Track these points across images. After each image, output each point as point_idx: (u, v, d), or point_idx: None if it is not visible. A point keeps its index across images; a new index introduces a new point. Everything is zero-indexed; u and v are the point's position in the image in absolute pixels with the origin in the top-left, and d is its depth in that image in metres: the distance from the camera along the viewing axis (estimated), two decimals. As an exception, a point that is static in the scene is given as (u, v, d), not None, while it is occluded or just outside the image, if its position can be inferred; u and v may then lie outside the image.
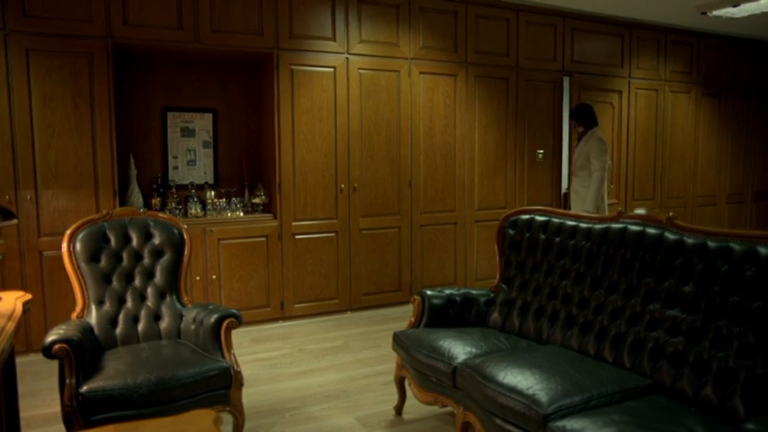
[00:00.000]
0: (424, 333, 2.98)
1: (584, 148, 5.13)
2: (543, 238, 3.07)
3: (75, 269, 2.91)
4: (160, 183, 4.77)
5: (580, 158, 5.18)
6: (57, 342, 2.44)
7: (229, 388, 2.68)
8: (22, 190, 3.96)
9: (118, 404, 2.42)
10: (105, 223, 3.04)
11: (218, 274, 4.58)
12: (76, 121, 4.07)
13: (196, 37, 4.34)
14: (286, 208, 4.77)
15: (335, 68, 4.83)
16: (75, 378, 2.44)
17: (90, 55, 4.05)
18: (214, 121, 4.99)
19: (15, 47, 3.87)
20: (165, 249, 3.12)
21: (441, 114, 5.27)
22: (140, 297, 3.04)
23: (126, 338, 2.94)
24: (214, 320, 2.79)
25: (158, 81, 4.76)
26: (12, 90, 3.88)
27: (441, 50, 5.24)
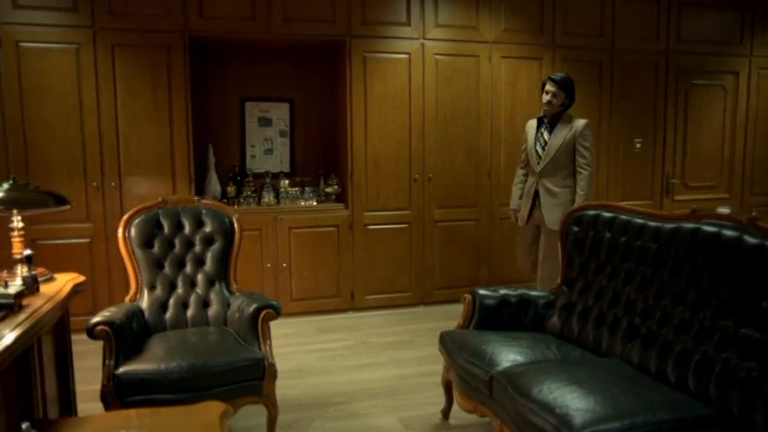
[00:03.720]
0: (470, 335, 2.78)
1: (562, 134, 3.89)
2: (608, 237, 2.74)
3: (130, 254, 3.02)
4: (237, 171, 4.89)
5: (556, 148, 3.90)
6: (99, 324, 2.53)
7: (262, 379, 2.65)
8: (107, 177, 4.21)
9: (150, 388, 2.46)
10: (160, 210, 3.12)
11: (289, 263, 4.62)
12: (156, 111, 4.25)
13: (268, 27, 4.37)
14: (357, 198, 4.70)
15: (410, 54, 4.67)
16: (115, 359, 2.52)
17: (168, 48, 4.21)
18: (291, 110, 5.03)
19: (102, 43, 4.10)
20: (215, 237, 3.15)
21: (523, 101, 4.94)
22: (190, 283, 3.11)
23: (175, 323, 3.01)
24: (252, 310, 2.78)
25: (236, 71, 4.87)
26: (99, 83, 4.13)
27: (524, 33, 4.90)
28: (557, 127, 3.93)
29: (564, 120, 3.94)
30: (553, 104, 3.90)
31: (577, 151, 3.89)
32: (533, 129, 4.05)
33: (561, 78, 3.90)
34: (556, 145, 3.91)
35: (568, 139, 3.88)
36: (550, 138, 3.94)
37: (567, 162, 3.91)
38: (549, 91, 3.89)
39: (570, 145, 3.88)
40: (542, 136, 3.99)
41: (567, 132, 3.89)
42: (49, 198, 2.65)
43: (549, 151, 3.92)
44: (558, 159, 3.91)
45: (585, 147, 3.90)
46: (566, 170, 3.93)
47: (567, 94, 3.90)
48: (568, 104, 3.93)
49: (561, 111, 3.92)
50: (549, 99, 3.89)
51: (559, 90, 3.88)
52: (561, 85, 3.88)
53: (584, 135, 3.90)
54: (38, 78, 4.01)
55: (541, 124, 4.01)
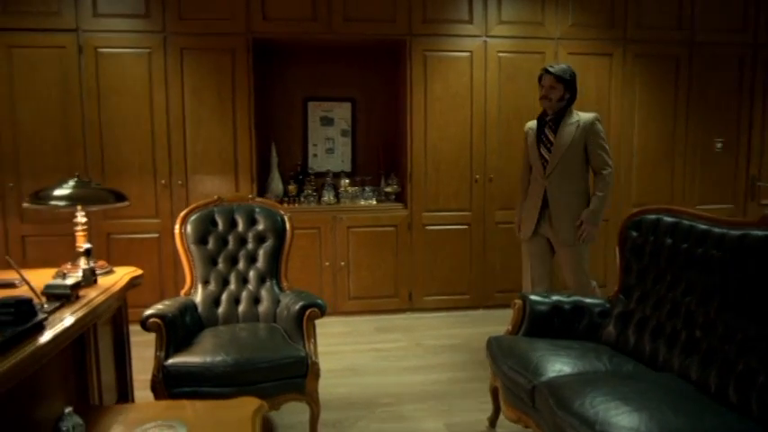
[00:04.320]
0: (518, 342, 2.68)
1: (569, 131, 3.39)
2: (669, 244, 2.56)
3: (186, 250, 3.13)
4: (299, 170, 4.97)
5: (564, 148, 3.40)
6: (151, 317, 2.63)
7: (305, 377, 2.67)
8: (174, 175, 4.39)
9: (196, 380, 2.54)
10: (215, 208, 3.22)
11: (347, 262, 4.64)
12: (220, 112, 4.39)
13: (329, 27, 4.41)
14: (417, 198, 4.66)
15: (472, 53, 4.58)
16: (165, 351, 2.61)
17: (232, 50, 4.34)
18: (352, 109, 5.06)
19: (172, 47, 4.28)
20: (267, 235, 3.21)
21: (591, 99, 4.72)
22: (242, 280, 3.18)
23: (226, 318, 3.09)
24: (298, 308, 2.80)
25: (299, 72, 4.95)
26: (168, 86, 4.31)
27: (593, 27, 4.68)
28: (561, 124, 3.43)
29: (569, 116, 3.43)
30: (551, 99, 3.41)
31: (591, 151, 3.40)
32: (534, 131, 3.56)
33: (559, 69, 3.41)
34: (563, 145, 3.40)
35: (577, 137, 3.39)
36: (556, 137, 3.43)
37: (578, 164, 3.43)
38: (545, 85, 3.42)
39: (580, 143, 3.40)
40: (546, 136, 3.48)
41: (575, 129, 3.40)
42: (110, 195, 2.80)
43: (557, 152, 3.41)
44: (568, 161, 3.41)
45: (600, 145, 3.41)
46: (578, 173, 3.45)
47: (567, 87, 3.41)
48: (570, 99, 3.44)
49: (564, 107, 3.43)
50: (544, 93, 3.42)
51: (557, 83, 3.38)
52: (559, 78, 3.38)
53: (595, 131, 3.40)
54: (113, 81, 4.24)
55: (543, 124, 3.51)
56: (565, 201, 3.45)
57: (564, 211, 3.45)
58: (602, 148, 3.42)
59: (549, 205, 3.47)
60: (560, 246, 3.50)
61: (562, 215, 3.45)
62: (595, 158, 3.43)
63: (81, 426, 1.76)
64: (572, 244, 3.44)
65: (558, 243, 3.50)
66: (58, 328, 1.93)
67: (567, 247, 3.46)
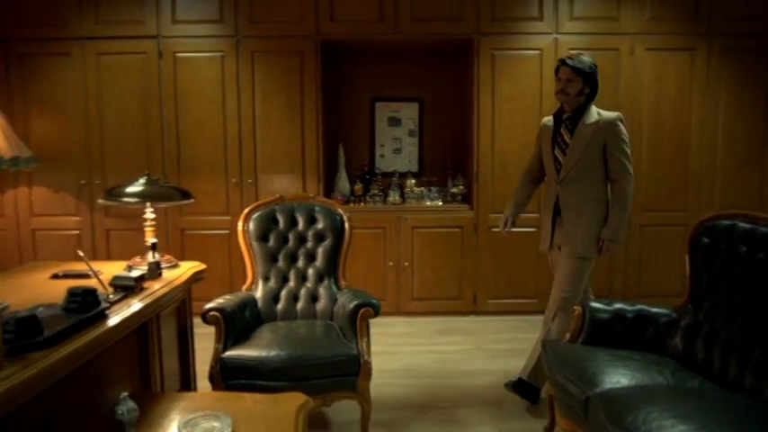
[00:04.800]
0: (575, 350, 2.58)
1: (587, 131, 3.02)
2: (744, 252, 2.38)
3: (248, 246, 3.23)
4: (366, 170, 5.01)
5: (581, 150, 3.04)
6: (211, 310, 2.74)
7: (357, 376, 2.69)
8: (245, 174, 4.55)
9: (251, 373, 2.62)
10: (276, 206, 3.30)
11: (411, 262, 4.64)
12: (289, 113, 4.50)
13: (396, 27, 4.42)
14: (483, 199, 4.59)
15: (542, 51, 4.45)
16: (223, 344, 2.71)
17: (301, 52, 4.44)
18: (420, 110, 5.06)
19: (244, 50, 4.44)
20: (326, 234, 3.26)
21: (671, 97, 4.47)
22: (301, 277, 3.24)
23: (285, 314, 3.16)
24: (352, 307, 2.83)
25: (367, 72, 5.00)
26: (239, 88, 4.47)
27: (674, 21, 4.43)
28: (579, 123, 3.06)
29: (588, 114, 3.06)
30: (568, 94, 3.04)
31: (610, 154, 3.02)
32: (549, 129, 3.20)
33: (577, 60, 3.04)
34: (580, 146, 3.04)
35: (596, 138, 3.02)
36: (572, 137, 3.07)
37: (596, 167, 3.05)
38: (561, 78, 3.06)
39: (598, 146, 3.03)
40: (562, 136, 3.12)
41: (594, 129, 3.02)
42: (176, 192, 2.93)
43: (572, 155, 3.05)
44: (585, 164, 3.04)
45: (620, 147, 3.01)
46: (595, 178, 3.07)
47: (587, 80, 3.04)
48: (591, 95, 3.08)
49: (583, 103, 3.07)
50: (561, 87, 3.06)
51: (575, 75, 3.02)
52: (577, 70, 3.02)
53: (616, 132, 3.01)
54: (189, 84, 4.45)
55: (560, 122, 3.15)
56: (578, 210, 3.08)
57: (577, 221, 3.07)
58: (621, 151, 3.03)
59: (561, 214, 3.11)
60: (566, 255, 3.13)
61: (575, 225, 3.08)
62: (613, 162, 3.02)
63: (135, 410, 1.86)
64: (581, 255, 3.06)
65: (564, 251, 3.13)
66: (119, 317, 2.05)
67: (571, 257, 3.09)
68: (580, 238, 3.06)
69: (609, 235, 3.03)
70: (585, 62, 3.05)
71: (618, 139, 3.03)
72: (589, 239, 3.06)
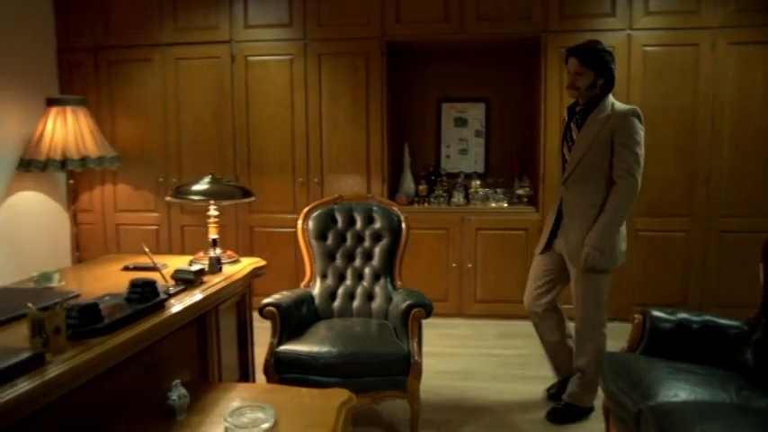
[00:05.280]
0: (633, 360, 2.47)
1: (594, 127, 2.75)
2: (823, 262, 2.20)
3: (307, 244, 3.31)
4: (432, 171, 5.00)
5: (584, 149, 2.77)
6: (268, 305, 2.84)
7: (406, 375, 2.70)
8: (311, 173, 4.67)
9: (303, 368, 2.69)
10: (335, 206, 3.36)
11: (474, 264, 4.59)
12: (354, 114, 4.57)
13: (462, 27, 4.39)
14: (549, 201, 4.45)
15: (613, 48, 4.23)
16: (278, 338, 2.80)
17: (367, 54, 4.49)
18: (487, 110, 4.99)
19: (311, 53, 4.55)
20: (383, 234, 3.29)
21: (758, 95, 4.17)
22: (358, 276, 3.29)
23: (341, 312, 3.22)
24: (405, 307, 2.84)
25: (433, 73, 4.99)
26: (307, 90, 4.59)
27: (762, 12, 4.12)
28: (589, 118, 2.78)
29: (601, 108, 2.76)
30: (578, 88, 2.78)
31: (615, 151, 2.71)
32: (563, 124, 3.01)
33: (586, 50, 2.75)
34: (585, 142, 2.75)
35: (603, 135, 2.72)
36: (579, 134, 2.80)
37: (602, 167, 2.76)
38: (570, 71, 2.79)
39: (606, 143, 2.72)
40: (571, 131, 2.88)
41: (602, 125, 2.73)
42: (238, 191, 3.06)
43: (576, 153, 2.79)
44: (590, 162, 2.76)
45: (627, 146, 2.70)
46: (602, 179, 2.77)
47: (599, 71, 2.74)
48: (605, 86, 2.78)
49: (598, 96, 2.79)
50: (570, 81, 2.80)
51: (583, 67, 2.73)
52: (587, 60, 2.73)
53: (626, 127, 2.70)
54: (259, 87, 4.61)
55: (572, 117, 2.89)
56: (582, 215, 2.79)
57: (579, 227, 2.79)
58: (628, 149, 2.70)
59: (564, 217, 2.87)
60: (572, 269, 2.90)
61: (577, 231, 2.80)
62: (617, 161, 2.71)
63: (185, 396, 1.96)
64: (584, 269, 2.81)
65: (570, 265, 2.90)
66: (175, 308, 2.17)
67: (578, 274, 2.84)
68: (578, 247, 2.79)
69: (590, 241, 2.73)
70: (595, 51, 2.75)
71: (626, 136, 2.70)
72: (578, 237, 2.80)
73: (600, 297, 2.87)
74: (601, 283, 2.86)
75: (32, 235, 4.48)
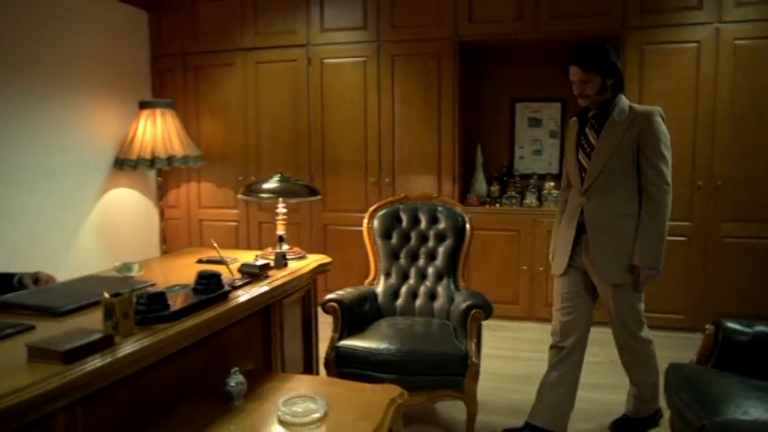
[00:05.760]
0: (702, 373, 2.35)
1: (617, 132, 2.53)
2: None
3: (372, 243, 3.37)
4: (504, 172, 4.94)
5: (608, 155, 2.54)
6: (330, 301, 2.93)
7: (463, 376, 2.70)
8: (383, 173, 4.74)
9: (362, 363, 2.75)
10: (400, 205, 3.41)
11: (546, 267, 4.49)
12: (426, 114, 4.60)
13: (536, 26, 4.31)
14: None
15: (699, 43, 4.05)
16: (339, 333, 2.89)
17: (439, 55, 4.51)
18: (562, 110, 4.87)
19: (385, 54, 4.63)
20: (447, 234, 3.30)
21: None
22: (421, 275, 3.32)
23: (403, 310, 3.26)
24: (464, 308, 2.84)
25: (507, 72, 4.92)
26: (380, 91, 4.66)
27: None
28: (608, 121, 2.58)
29: (618, 110, 2.57)
30: (588, 96, 2.57)
31: (644, 157, 2.52)
32: (574, 129, 2.75)
33: (586, 55, 2.53)
34: (608, 147, 2.55)
35: (628, 139, 2.52)
36: (599, 139, 2.59)
37: (628, 174, 2.56)
38: (574, 80, 2.59)
39: (631, 148, 2.53)
40: (587, 137, 2.65)
41: (626, 128, 2.53)
42: (305, 189, 3.18)
43: (598, 160, 2.57)
44: (614, 169, 2.55)
45: (657, 150, 2.51)
46: (627, 187, 2.57)
47: (606, 73, 2.53)
48: (616, 86, 2.57)
49: (609, 99, 2.59)
50: (578, 91, 2.59)
51: (587, 74, 2.53)
52: (590, 67, 2.52)
53: (652, 130, 2.50)
54: (334, 88, 4.74)
55: (585, 122, 2.68)
56: (607, 227, 2.59)
57: (606, 240, 2.59)
58: (658, 155, 2.50)
59: (587, 231, 2.64)
60: (603, 284, 2.67)
61: (604, 245, 2.60)
62: (648, 168, 2.52)
63: (243, 384, 2.07)
64: (618, 282, 2.61)
65: (599, 280, 2.68)
66: (238, 300, 2.29)
67: (612, 288, 2.64)
68: (615, 266, 2.59)
69: (643, 261, 2.53)
70: (598, 52, 2.55)
71: (655, 140, 2.50)
72: (621, 262, 2.58)
73: (641, 308, 2.72)
74: (638, 296, 2.69)
75: (125, 228, 4.84)
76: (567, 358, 2.79)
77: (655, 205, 2.53)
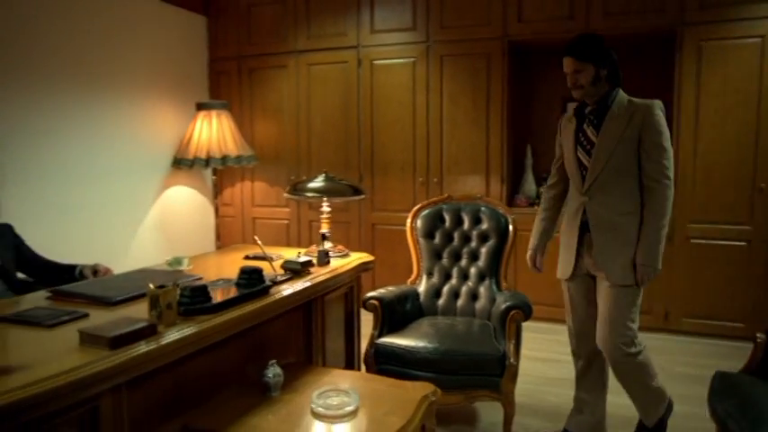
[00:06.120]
0: (748, 382, 2.28)
1: (617, 126, 2.42)
2: None
3: (415, 242, 3.40)
4: (554, 173, 4.86)
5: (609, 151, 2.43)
6: (371, 298, 2.99)
7: (500, 377, 2.69)
8: (431, 174, 4.76)
9: (400, 361, 2.79)
10: (444, 205, 3.42)
11: (595, 270, 4.40)
12: (474, 115, 4.59)
13: (587, 24, 4.22)
14: (682, 207, 4.15)
15: (763, 38, 3.87)
16: (379, 330, 2.94)
17: (488, 55, 4.49)
18: (615, 109, 4.74)
19: (434, 55, 4.65)
20: (490, 235, 3.29)
21: None
22: (463, 276, 3.32)
23: (445, 310, 3.27)
24: (503, 309, 2.84)
25: (557, 72, 4.78)
26: (429, 91, 4.69)
27: None
28: (607, 117, 2.47)
29: (617, 105, 2.47)
30: (582, 86, 2.47)
31: (645, 152, 2.42)
32: (571, 126, 2.61)
33: (579, 44, 2.44)
34: (609, 144, 2.45)
35: (630, 133, 2.42)
36: (599, 134, 2.48)
37: (630, 170, 2.46)
38: (568, 71, 2.48)
39: (632, 143, 2.42)
40: (586, 133, 2.54)
41: (627, 121, 2.42)
42: (349, 189, 3.24)
43: (599, 157, 2.47)
44: (616, 166, 2.46)
45: (658, 145, 2.40)
46: (629, 184, 2.47)
47: (598, 62, 2.43)
48: (612, 77, 2.48)
49: (607, 91, 2.49)
50: (571, 82, 2.49)
51: (580, 63, 2.43)
52: (582, 56, 2.43)
53: (653, 124, 2.40)
54: (383, 89, 4.80)
55: (583, 117, 2.57)
56: (611, 226, 2.49)
57: (609, 240, 2.49)
58: (659, 149, 2.40)
59: (591, 230, 2.53)
60: (602, 282, 2.56)
61: (608, 247, 2.49)
62: (649, 164, 2.42)
63: (280, 375, 2.15)
64: (623, 283, 2.48)
65: (600, 278, 2.57)
66: (278, 295, 2.37)
67: (611, 287, 2.50)
68: (619, 264, 2.47)
69: (642, 259, 2.42)
70: (590, 42, 2.47)
71: (656, 134, 2.40)
72: (631, 264, 2.46)
73: (637, 310, 2.54)
74: (634, 300, 2.52)
75: (183, 224, 5.06)
76: (588, 371, 2.76)
77: (655, 201, 2.42)
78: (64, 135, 4.04)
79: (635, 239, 2.46)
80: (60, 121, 4.01)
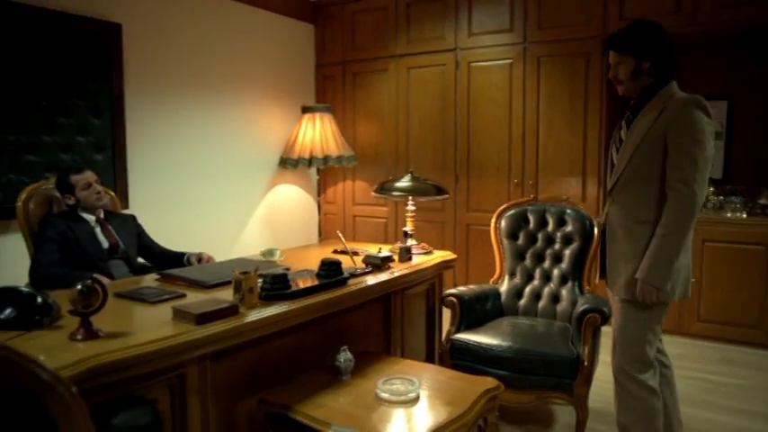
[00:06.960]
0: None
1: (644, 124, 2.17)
2: None
3: (498, 242, 3.45)
4: (659, 175, 4.66)
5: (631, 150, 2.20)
6: (449, 296, 3.08)
7: (573, 379, 2.69)
8: (526, 175, 4.74)
9: (474, 357, 2.87)
10: (528, 206, 3.44)
11: (699, 279, 4.16)
12: (570, 116, 4.51)
13: (695, 19, 4.01)
14: None
15: None
16: (456, 326, 3.03)
17: (586, 54, 4.39)
18: (728, 109, 4.45)
19: (530, 56, 4.62)
20: (574, 237, 3.26)
21: None
22: (545, 277, 3.32)
23: (526, 311, 3.29)
24: (580, 311, 2.81)
25: (664, 71, 4.60)
26: (525, 93, 4.67)
27: None
28: (640, 113, 2.26)
29: (656, 98, 2.22)
30: (621, 81, 2.27)
31: (669, 153, 2.13)
32: None
33: (618, 35, 2.26)
34: (632, 144, 2.22)
35: (654, 132, 2.16)
36: (627, 133, 2.29)
37: (650, 175, 2.19)
38: (611, 63, 2.29)
39: (657, 141, 2.15)
40: (619, 131, 2.37)
41: (654, 119, 2.17)
42: (433, 188, 3.37)
43: (623, 156, 2.27)
44: (636, 168, 2.22)
45: (682, 147, 2.10)
46: (650, 189, 2.20)
47: (639, 55, 2.20)
48: (657, 69, 2.23)
49: (653, 85, 2.25)
50: (612, 75, 2.30)
51: (620, 55, 2.24)
52: (621, 47, 2.23)
53: (682, 123, 2.12)
54: (480, 91, 4.85)
55: (623, 114, 2.38)
56: (626, 234, 2.27)
57: (619, 247, 2.31)
58: (684, 152, 2.10)
59: (605, 236, 2.41)
60: (613, 297, 2.38)
61: (616, 252, 2.32)
62: (671, 165, 2.13)
63: (350, 360, 2.32)
64: (623, 297, 2.29)
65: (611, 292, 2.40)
66: (354, 286, 2.55)
67: (620, 301, 2.32)
68: (624, 277, 2.28)
69: (642, 274, 2.19)
70: (632, 31, 2.25)
71: (682, 135, 2.11)
72: (627, 275, 2.28)
73: (643, 335, 2.28)
74: (646, 319, 2.28)
75: (288, 219, 5.43)
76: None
77: (671, 211, 2.15)
78: (184, 137, 4.51)
79: (641, 251, 2.24)
80: (182, 125, 4.49)
